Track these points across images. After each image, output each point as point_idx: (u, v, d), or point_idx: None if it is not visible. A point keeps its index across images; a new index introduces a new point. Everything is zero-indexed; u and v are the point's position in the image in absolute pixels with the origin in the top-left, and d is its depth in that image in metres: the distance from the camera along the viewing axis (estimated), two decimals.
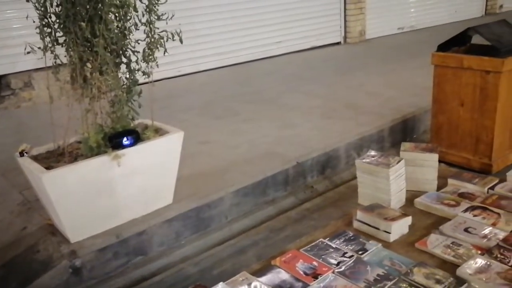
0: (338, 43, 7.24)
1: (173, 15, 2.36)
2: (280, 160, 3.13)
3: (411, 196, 2.61)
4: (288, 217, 2.81)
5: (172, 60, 5.59)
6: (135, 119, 2.49)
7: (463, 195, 2.55)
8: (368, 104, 4.19)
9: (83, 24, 2.10)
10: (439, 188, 2.71)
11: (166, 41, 2.52)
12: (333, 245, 2.17)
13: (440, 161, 3.25)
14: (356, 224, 2.37)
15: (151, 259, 2.46)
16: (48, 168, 2.17)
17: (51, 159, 2.29)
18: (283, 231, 2.66)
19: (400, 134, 3.81)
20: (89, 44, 2.20)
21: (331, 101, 4.36)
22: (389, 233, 2.21)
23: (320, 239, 2.22)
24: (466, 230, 2.20)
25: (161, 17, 2.37)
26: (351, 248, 2.14)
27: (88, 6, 2.14)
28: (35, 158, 2.30)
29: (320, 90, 4.79)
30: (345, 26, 7.21)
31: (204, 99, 4.74)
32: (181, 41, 2.54)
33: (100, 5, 2.17)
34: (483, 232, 2.17)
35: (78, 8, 2.14)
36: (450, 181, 2.71)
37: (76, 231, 2.28)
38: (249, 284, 1.85)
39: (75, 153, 2.28)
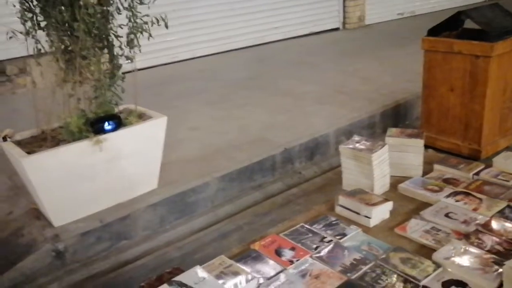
0: (336, 29, 7.17)
1: (155, 0, 2.35)
2: (269, 146, 3.13)
3: (396, 182, 2.61)
4: (273, 202, 2.82)
5: (168, 46, 5.58)
6: (118, 104, 2.49)
7: (447, 181, 2.54)
8: (362, 90, 4.17)
9: (62, 8, 2.09)
10: (425, 174, 2.70)
11: (151, 26, 2.51)
12: (314, 230, 2.18)
13: (429, 147, 3.25)
14: (338, 209, 2.37)
15: (134, 243, 2.48)
16: (29, 152, 2.18)
17: (34, 144, 2.30)
18: (268, 215, 2.67)
19: (392, 119, 3.79)
20: (70, 28, 2.20)
21: (324, 87, 4.34)
22: (370, 218, 2.22)
23: (301, 224, 2.23)
24: (446, 215, 2.20)
25: (143, 1, 2.35)
26: (331, 233, 2.15)
27: None
28: (19, 143, 2.31)
29: (315, 76, 4.76)
30: (344, 12, 7.14)
31: (198, 86, 4.73)
32: (166, 26, 2.52)
33: None
34: (463, 217, 2.17)
35: None
36: (435, 166, 2.70)
37: (59, 215, 2.30)
38: (226, 268, 1.86)
39: (58, 138, 2.29)
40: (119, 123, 2.33)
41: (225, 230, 2.57)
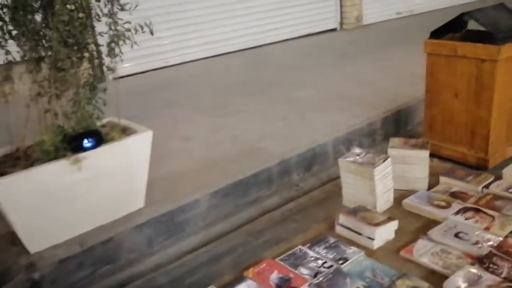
0: (334, 30, 7.00)
1: (136, 5, 2.17)
2: (264, 157, 2.95)
3: (400, 196, 2.44)
4: (269, 219, 2.63)
5: (158, 51, 5.40)
6: (100, 118, 2.31)
7: (455, 195, 2.37)
8: (361, 94, 3.99)
9: (31, 16, 1.91)
10: (431, 186, 2.53)
11: (135, 33, 2.33)
12: (312, 253, 2.01)
13: (433, 155, 3.08)
14: (338, 229, 2.20)
15: (119, 268, 2.30)
16: (2, 174, 2.00)
17: (8, 164, 2.12)
18: (263, 234, 2.49)
19: (393, 126, 3.61)
20: (43, 37, 2.01)
21: (322, 92, 4.16)
22: (373, 239, 2.05)
23: (299, 247, 2.06)
24: (456, 235, 2.03)
25: (124, 7, 2.17)
26: (331, 256, 1.98)
27: None
28: None
29: (312, 79, 4.59)
30: (341, 12, 6.97)
31: (190, 92, 4.56)
32: (151, 32, 2.34)
33: None
34: (475, 237, 2.00)
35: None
36: (441, 179, 2.53)
37: (36, 241, 2.12)
38: None
39: (34, 157, 2.11)
40: (99, 139, 2.14)
41: (217, 252, 2.39)
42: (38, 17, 2.05)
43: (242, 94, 4.29)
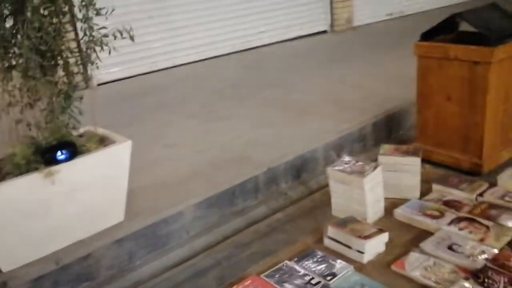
0: (324, 32, 6.92)
1: (113, 10, 2.06)
2: (251, 166, 2.85)
3: (391, 205, 2.34)
4: (256, 231, 2.54)
5: (146, 54, 5.29)
6: (76, 128, 2.21)
7: (448, 204, 2.28)
8: (351, 98, 3.91)
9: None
10: (423, 194, 2.44)
11: (114, 39, 2.23)
12: (299, 269, 1.90)
13: (426, 161, 2.98)
14: (326, 242, 2.09)
15: (98, 285, 2.19)
16: None
17: None
18: (249, 247, 2.39)
19: (385, 130, 3.53)
20: (15, 45, 1.90)
21: (311, 95, 4.07)
22: (363, 252, 1.95)
23: (285, 261, 1.95)
24: (450, 247, 1.93)
25: (100, 12, 2.07)
26: (319, 272, 1.88)
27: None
28: None
29: (302, 83, 4.49)
30: (332, 13, 6.88)
31: (179, 96, 4.45)
32: (131, 39, 2.22)
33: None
34: (469, 250, 1.90)
35: None
36: (434, 187, 2.43)
37: (8, 259, 2.01)
38: None
39: (5, 171, 1.99)
40: (74, 151, 2.03)
41: (201, 266, 2.29)
42: (8, 23, 1.94)
43: (231, 98, 4.19)
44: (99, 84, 4.93)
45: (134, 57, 5.14)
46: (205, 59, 5.75)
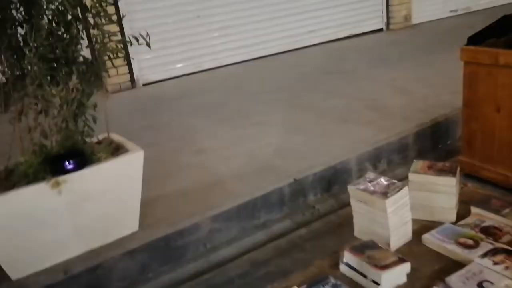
0: (380, 30, 6.60)
1: (123, 16, 2.00)
2: (276, 176, 2.71)
3: (421, 228, 2.12)
4: (276, 247, 2.40)
5: (191, 55, 5.27)
6: (91, 136, 2.18)
7: (487, 231, 2.04)
8: (395, 104, 3.65)
9: (10, 31, 1.79)
10: (460, 217, 2.20)
11: (130, 45, 2.18)
12: None
13: (472, 177, 2.71)
14: (342, 268, 1.93)
15: None
16: None
17: None
18: (265, 265, 2.26)
19: (430, 140, 3.25)
20: (21, 53, 1.90)
21: (353, 101, 3.84)
22: (378, 284, 1.76)
23: (294, 287, 1.82)
24: (480, 285, 1.71)
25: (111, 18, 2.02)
26: None
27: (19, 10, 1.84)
28: None
29: (345, 87, 4.27)
30: (388, 11, 6.54)
31: (217, 98, 4.39)
32: (148, 45, 2.16)
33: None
34: None
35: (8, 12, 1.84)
36: (473, 210, 2.19)
37: (17, 267, 2.01)
38: None
39: (14, 180, 1.99)
40: (83, 160, 2.00)
41: (213, 283, 2.19)
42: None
43: (269, 102, 4.07)
44: (144, 85, 4.99)
45: (178, 58, 5.13)
46: (252, 59, 5.65)
